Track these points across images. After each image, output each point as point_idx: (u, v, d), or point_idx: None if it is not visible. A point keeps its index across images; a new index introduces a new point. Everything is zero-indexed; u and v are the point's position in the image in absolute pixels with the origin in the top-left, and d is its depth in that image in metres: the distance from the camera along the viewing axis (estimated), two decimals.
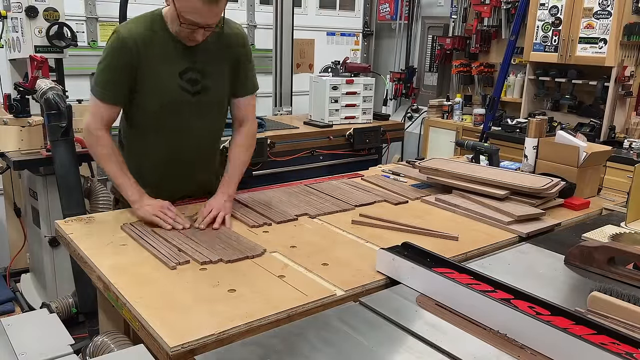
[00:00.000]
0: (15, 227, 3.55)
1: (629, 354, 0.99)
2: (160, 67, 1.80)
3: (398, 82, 5.43)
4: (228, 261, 1.50)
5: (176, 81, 1.82)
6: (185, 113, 1.87)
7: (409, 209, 2.06)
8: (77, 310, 3.03)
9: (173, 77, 1.81)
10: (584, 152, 2.19)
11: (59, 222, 1.77)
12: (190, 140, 1.93)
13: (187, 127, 1.90)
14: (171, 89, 1.82)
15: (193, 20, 1.68)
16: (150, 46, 1.78)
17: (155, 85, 1.80)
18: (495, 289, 1.25)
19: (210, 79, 1.87)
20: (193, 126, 1.91)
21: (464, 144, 2.64)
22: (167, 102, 1.83)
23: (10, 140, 2.97)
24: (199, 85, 1.85)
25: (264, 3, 4.71)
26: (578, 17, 3.97)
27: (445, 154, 4.41)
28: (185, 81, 1.83)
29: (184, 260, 1.49)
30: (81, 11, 3.78)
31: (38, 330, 1.30)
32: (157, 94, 1.81)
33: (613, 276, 1.48)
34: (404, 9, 5.50)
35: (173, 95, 1.82)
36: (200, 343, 1.12)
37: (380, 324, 1.21)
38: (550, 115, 4.29)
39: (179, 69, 1.82)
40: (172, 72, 1.81)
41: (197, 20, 1.68)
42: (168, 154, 1.93)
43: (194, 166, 2.00)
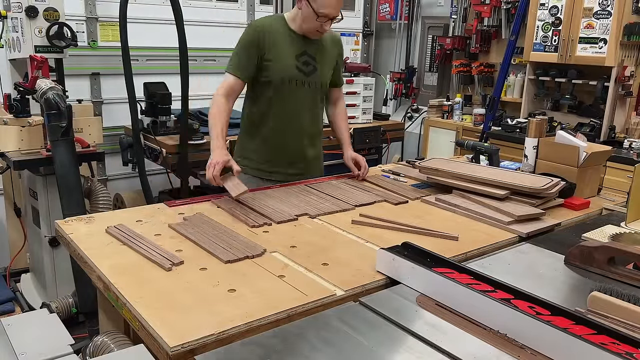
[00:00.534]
0: (15, 227, 3.55)
1: (629, 354, 0.99)
2: (282, 50, 2.27)
3: (398, 82, 5.43)
4: (227, 261, 1.50)
5: (293, 62, 2.29)
6: (300, 90, 2.32)
7: (409, 209, 2.06)
8: (77, 310, 3.03)
9: (291, 58, 2.29)
10: (584, 152, 2.19)
11: (59, 222, 1.77)
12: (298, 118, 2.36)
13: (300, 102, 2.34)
14: (290, 67, 2.28)
15: (327, 14, 2.18)
16: (274, 34, 2.26)
17: (277, 63, 2.26)
18: (495, 289, 1.25)
19: (319, 64, 2.35)
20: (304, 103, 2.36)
21: (464, 144, 2.64)
22: (287, 78, 2.28)
23: (10, 140, 2.97)
24: (310, 66, 2.33)
25: (264, 3, 4.71)
26: (578, 17, 3.97)
27: (445, 154, 4.41)
28: (301, 63, 2.30)
29: (179, 261, 1.48)
30: (81, 11, 3.77)
31: (38, 330, 1.30)
32: (279, 70, 2.27)
33: (613, 276, 1.47)
34: (404, 9, 5.50)
35: (291, 72, 2.28)
36: (200, 343, 1.12)
37: (380, 324, 1.21)
38: (550, 115, 4.30)
39: (296, 52, 2.29)
40: (291, 54, 2.29)
41: (329, 12, 2.18)
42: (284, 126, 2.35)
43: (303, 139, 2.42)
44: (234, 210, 1.93)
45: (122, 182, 4.17)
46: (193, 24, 4.09)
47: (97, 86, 3.93)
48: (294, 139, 2.39)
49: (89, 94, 3.90)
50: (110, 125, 3.94)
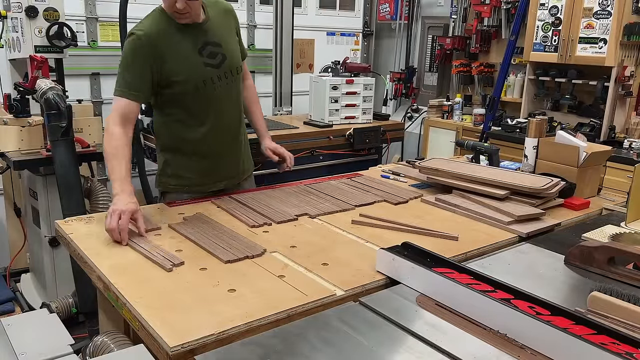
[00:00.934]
0: (15, 227, 3.55)
1: (629, 354, 0.99)
2: (179, 52, 1.92)
3: (398, 82, 5.43)
4: (227, 261, 1.50)
5: (197, 59, 1.95)
6: (218, 87, 2.01)
7: (409, 209, 2.06)
8: (77, 310, 3.03)
9: (194, 56, 1.95)
10: (584, 152, 2.19)
11: (59, 222, 1.78)
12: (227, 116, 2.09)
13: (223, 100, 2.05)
14: (196, 66, 1.95)
15: None
16: (163, 38, 1.90)
17: (181, 69, 1.92)
18: (495, 289, 1.25)
19: (224, 48, 2.03)
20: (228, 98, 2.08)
21: (464, 144, 2.64)
22: (200, 80, 1.96)
23: (10, 140, 2.97)
24: (219, 55, 2.01)
25: (264, 3, 4.71)
26: (578, 17, 3.97)
27: (445, 154, 4.41)
28: (206, 57, 1.97)
29: (179, 262, 1.48)
30: (81, 11, 3.78)
31: (38, 330, 1.30)
32: (184, 76, 1.93)
33: (613, 276, 1.47)
34: (404, 9, 5.50)
35: (200, 72, 1.96)
36: (200, 343, 1.12)
37: (380, 324, 1.21)
38: (550, 115, 4.29)
39: (197, 46, 1.96)
40: (192, 51, 1.95)
41: None
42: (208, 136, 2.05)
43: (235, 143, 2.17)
44: (234, 210, 1.93)
45: None
46: None
47: (97, 86, 3.93)
48: (229, 141, 2.14)
49: (89, 94, 3.91)
50: None
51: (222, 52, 2.02)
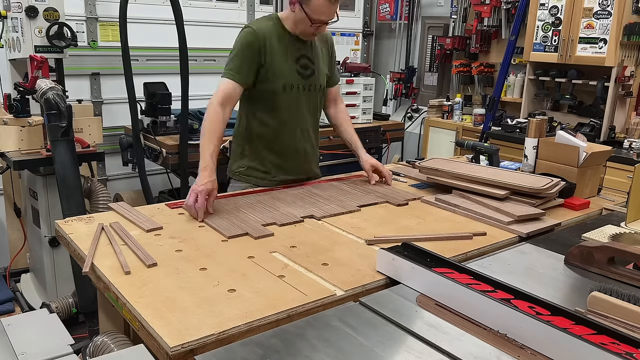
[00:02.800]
0: (15, 227, 3.56)
1: (629, 354, 0.99)
2: (281, 54, 2.19)
3: (398, 82, 5.43)
4: (230, 237, 1.66)
5: (294, 66, 2.23)
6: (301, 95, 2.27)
7: (409, 209, 2.06)
8: (77, 310, 3.03)
9: (291, 62, 2.22)
10: (584, 152, 2.19)
11: (59, 222, 1.78)
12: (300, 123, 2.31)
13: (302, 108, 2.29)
14: (291, 72, 2.22)
15: (321, 19, 2.12)
16: (272, 38, 2.18)
17: (278, 68, 2.19)
18: (495, 289, 1.25)
19: (316, 66, 2.30)
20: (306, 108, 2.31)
21: (464, 144, 2.64)
22: (287, 83, 2.22)
23: (10, 140, 2.97)
24: (309, 70, 2.28)
25: (264, 3, 4.71)
26: (578, 17, 3.98)
27: (445, 154, 4.41)
28: (299, 66, 2.25)
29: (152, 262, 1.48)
30: (81, 11, 3.78)
31: (38, 330, 1.30)
32: (280, 75, 2.19)
33: (613, 276, 1.47)
34: (404, 9, 5.50)
35: (292, 78, 2.23)
36: (200, 343, 1.12)
37: (380, 324, 1.21)
38: (550, 115, 4.30)
39: (295, 55, 2.23)
40: (291, 58, 2.22)
41: (324, 18, 2.12)
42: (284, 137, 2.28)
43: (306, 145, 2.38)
44: (241, 210, 1.94)
45: (122, 182, 4.17)
46: (193, 24, 4.09)
47: (97, 86, 3.93)
48: (297, 145, 2.33)
49: (89, 94, 3.91)
50: (110, 125, 3.94)
51: (313, 68, 2.29)
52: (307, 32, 2.18)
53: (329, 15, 2.13)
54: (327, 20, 2.14)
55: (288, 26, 2.21)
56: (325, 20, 2.13)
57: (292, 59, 2.22)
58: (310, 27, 2.13)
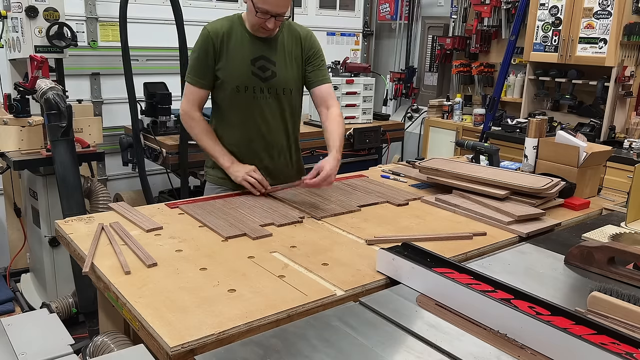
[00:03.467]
0: (15, 227, 3.56)
1: (629, 354, 0.99)
2: (236, 55, 2.11)
3: (398, 82, 5.43)
4: (228, 237, 1.65)
5: (248, 67, 2.12)
6: (257, 97, 2.16)
7: (409, 209, 2.06)
8: (77, 310, 3.03)
9: (245, 63, 2.12)
10: (584, 152, 2.19)
11: (59, 222, 1.78)
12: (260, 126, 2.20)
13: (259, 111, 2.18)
14: (243, 73, 2.12)
15: (266, 9, 1.98)
16: (228, 38, 2.11)
17: (230, 69, 2.12)
18: (495, 289, 1.25)
19: (279, 68, 2.17)
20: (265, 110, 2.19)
21: (464, 144, 2.64)
22: (241, 85, 2.13)
23: (10, 140, 2.97)
24: (268, 71, 2.15)
25: None
26: (578, 17, 3.97)
27: (445, 154, 4.41)
28: (257, 68, 2.13)
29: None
30: (81, 11, 3.78)
31: (38, 330, 1.30)
32: (232, 76, 2.12)
33: (613, 276, 1.47)
34: (404, 9, 5.50)
35: (245, 79, 2.13)
36: (200, 343, 1.12)
37: (380, 324, 1.21)
38: (550, 115, 4.30)
39: (252, 56, 2.13)
40: (245, 58, 2.12)
41: (269, 8, 1.98)
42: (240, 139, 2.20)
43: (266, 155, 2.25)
44: (239, 209, 1.94)
45: (122, 182, 4.17)
46: (193, 24, 4.07)
47: (97, 86, 3.93)
48: (254, 151, 2.22)
49: (89, 94, 3.91)
50: (110, 125, 3.95)
51: (273, 70, 2.16)
52: (256, 25, 2.06)
53: (274, 5, 1.97)
54: (272, 12, 1.99)
55: (248, 25, 2.13)
56: (269, 10, 1.98)
57: (247, 60, 2.12)
58: (256, 18, 2.01)
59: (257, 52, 2.13)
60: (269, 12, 1.99)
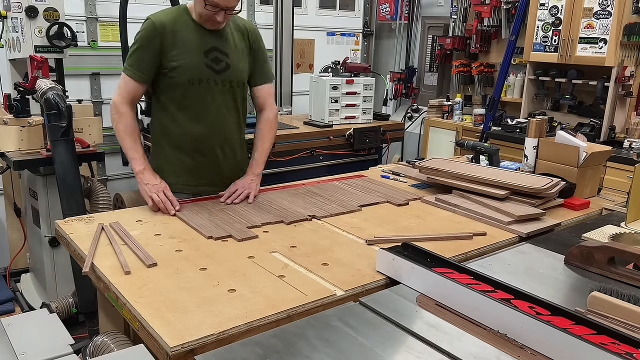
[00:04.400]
0: (15, 227, 3.55)
1: (629, 354, 0.99)
2: (187, 47, 2.03)
3: (398, 82, 5.43)
4: (210, 237, 1.63)
5: (202, 59, 2.05)
6: (212, 90, 2.09)
7: (409, 209, 2.06)
8: (77, 310, 3.03)
9: (198, 55, 2.05)
10: (584, 152, 2.19)
11: (59, 222, 1.78)
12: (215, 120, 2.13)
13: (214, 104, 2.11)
14: (197, 65, 2.04)
15: (216, 2, 1.93)
16: (177, 29, 2.02)
17: (183, 61, 2.03)
18: (495, 289, 1.25)
19: (232, 60, 2.11)
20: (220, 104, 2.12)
21: (464, 144, 2.64)
22: (195, 77, 2.05)
23: (10, 140, 2.97)
24: (222, 63, 2.09)
25: (264, 3, 4.71)
26: (578, 17, 3.97)
27: (445, 154, 4.41)
28: (210, 59, 2.06)
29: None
30: (81, 11, 3.78)
31: (38, 330, 1.30)
32: (185, 69, 2.03)
33: (613, 276, 1.47)
34: (404, 9, 5.50)
35: (199, 71, 2.05)
36: (200, 343, 1.12)
37: (380, 324, 1.21)
38: (550, 115, 4.29)
39: (204, 47, 2.05)
40: (198, 50, 2.05)
41: (219, 1, 1.93)
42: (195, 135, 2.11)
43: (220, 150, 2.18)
44: (240, 207, 1.94)
45: (122, 182, 4.17)
46: None
47: (97, 86, 3.93)
48: (210, 147, 2.15)
49: (89, 94, 3.91)
50: (110, 125, 3.92)
51: (227, 62, 2.10)
52: (205, 17, 2.00)
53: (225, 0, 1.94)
54: (222, 5, 1.94)
55: (195, 16, 2.06)
56: (219, 3, 1.93)
57: (200, 51, 2.05)
58: (205, 10, 1.96)
59: (208, 44, 2.06)
60: (219, 5, 1.94)
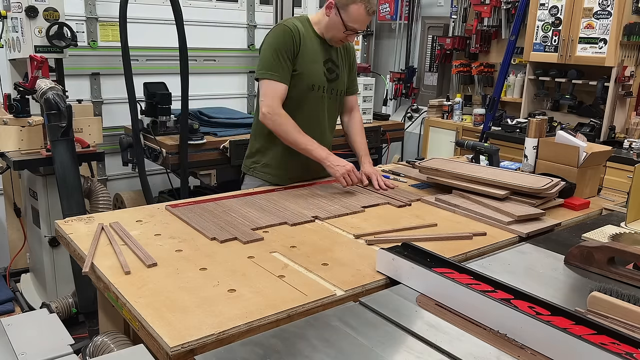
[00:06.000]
0: (15, 227, 3.55)
1: (629, 354, 0.99)
2: (311, 55, 2.24)
3: (398, 82, 5.43)
4: (213, 238, 1.52)
5: (321, 68, 2.28)
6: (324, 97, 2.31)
7: (409, 209, 2.06)
8: (77, 310, 3.03)
9: (319, 64, 2.27)
10: (584, 152, 2.19)
11: (59, 222, 1.77)
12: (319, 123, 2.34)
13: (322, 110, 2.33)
14: (318, 73, 2.26)
15: (356, 28, 2.19)
16: (304, 38, 2.22)
17: (307, 68, 2.23)
18: (495, 289, 1.25)
19: (341, 71, 2.36)
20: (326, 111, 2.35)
21: (464, 144, 2.64)
22: (315, 84, 2.26)
23: (10, 140, 2.97)
24: (334, 73, 2.33)
25: (264, 3, 4.71)
26: (578, 17, 3.98)
27: (445, 154, 4.41)
28: (326, 69, 2.29)
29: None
30: (81, 11, 3.78)
31: (38, 330, 1.30)
32: (308, 75, 2.24)
33: (613, 276, 1.47)
34: (404, 9, 5.50)
35: (319, 79, 2.27)
36: (200, 343, 1.12)
37: (380, 324, 1.21)
38: (550, 115, 4.30)
39: (323, 57, 2.28)
40: (319, 59, 2.27)
41: (358, 27, 2.19)
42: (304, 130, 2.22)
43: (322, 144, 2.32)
44: (243, 209, 1.94)
45: (122, 182, 4.17)
46: (193, 24, 4.09)
47: (97, 86, 3.93)
48: None
49: (89, 94, 3.91)
50: (110, 125, 3.94)
51: (337, 72, 2.34)
52: (336, 38, 2.24)
53: (363, 25, 2.19)
54: (359, 30, 2.20)
55: (318, 29, 2.27)
56: (358, 29, 2.19)
57: (320, 61, 2.27)
58: (341, 33, 2.20)
59: (326, 55, 2.29)
60: (357, 30, 2.19)
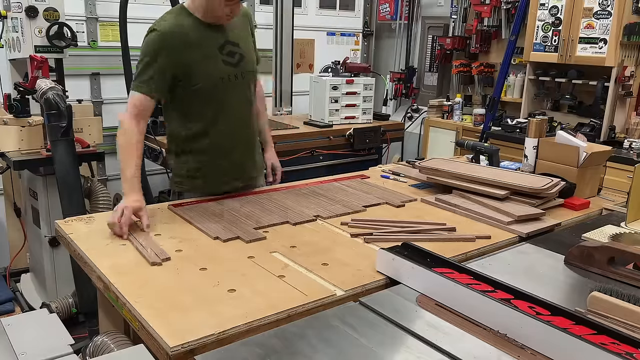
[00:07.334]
0: (15, 227, 3.55)
1: (629, 354, 0.99)
2: (201, 49, 1.95)
3: (398, 82, 5.42)
4: (216, 238, 1.59)
5: (218, 58, 1.99)
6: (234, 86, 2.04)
7: (409, 209, 2.06)
8: (77, 310, 3.03)
9: (214, 54, 1.98)
10: (584, 152, 2.19)
11: (59, 222, 1.78)
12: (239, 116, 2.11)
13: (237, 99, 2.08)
14: (216, 64, 1.98)
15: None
16: (184, 33, 1.93)
17: (201, 65, 1.95)
18: (495, 289, 1.25)
19: (243, 48, 2.07)
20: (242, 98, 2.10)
21: (464, 144, 2.64)
22: (216, 78, 1.99)
23: (10, 140, 2.97)
24: (237, 55, 2.04)
25: (264, 3, 4.71)
26: (578, 17, 3.97)
27: (445, 154, 4.41)
28: (225, 55, 2.01)
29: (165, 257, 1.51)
30: (81, 11, 3.78)
31: (38, 330, 1.29)
32: (206, 72, 1.96)
33: (613, 276, 1.47)
34: (404, 9, 5.50)
35: (220, 70, 1.99)
36: (200, 343, 1.12)
37: (380, 324, 1.21)
38: (550, 115, 4.29)
39: (217, 45, 1.99)
40: (212, 49, 1.98)
41: None
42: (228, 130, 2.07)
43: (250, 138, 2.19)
44: (245, 208, 1.94)
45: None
46: None
47: (97, 86, 3.93)
48: (241, 140, 2.14)
49: (89, 94, 3.91)
50: (110, 125, 3.93)
51: (240, 52, 2.06)
52: (220, 14, 1.94)
53: None
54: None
55: (199, 14, 1.96)
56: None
57: (214, 51, 1.99)
58: (222, 7, 1.90)
59: (220, 39, 2.00)
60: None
